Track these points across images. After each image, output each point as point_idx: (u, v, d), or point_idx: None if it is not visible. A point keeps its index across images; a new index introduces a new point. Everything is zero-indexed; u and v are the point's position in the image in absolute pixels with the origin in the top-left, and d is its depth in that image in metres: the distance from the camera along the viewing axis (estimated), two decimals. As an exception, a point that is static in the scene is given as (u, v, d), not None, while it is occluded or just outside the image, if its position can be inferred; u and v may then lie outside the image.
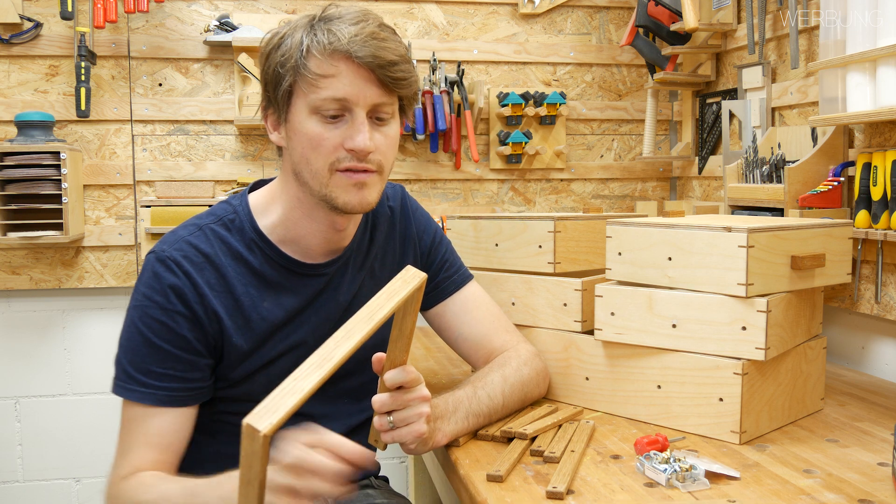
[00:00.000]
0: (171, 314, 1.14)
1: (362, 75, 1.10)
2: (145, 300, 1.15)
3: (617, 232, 1.37)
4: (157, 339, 1.13)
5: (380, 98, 1.13)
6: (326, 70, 1.09)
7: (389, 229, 1.35)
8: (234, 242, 1.20)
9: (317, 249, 1.24)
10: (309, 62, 1.10)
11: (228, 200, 1.25)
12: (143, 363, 1.13)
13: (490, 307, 1.41)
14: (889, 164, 1.51)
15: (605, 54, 2.48)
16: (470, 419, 1.22)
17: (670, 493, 1.03)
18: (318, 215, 1.20)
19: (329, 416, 1.26)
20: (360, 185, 1.14)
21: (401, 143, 2.38)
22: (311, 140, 1.12)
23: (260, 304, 1.19)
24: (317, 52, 1.10)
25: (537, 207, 2.47)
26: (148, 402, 1.13)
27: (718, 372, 1.23)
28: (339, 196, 1.14)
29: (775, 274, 1.24)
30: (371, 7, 2.34)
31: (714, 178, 2.30)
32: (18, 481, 2.30)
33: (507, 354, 1.35)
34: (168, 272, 1.15)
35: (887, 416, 1.37)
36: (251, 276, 1.20)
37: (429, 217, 1.42)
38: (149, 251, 1.19)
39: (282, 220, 1.22)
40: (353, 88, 1.10)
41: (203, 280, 1.16)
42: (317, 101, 1.11)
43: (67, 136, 2.22)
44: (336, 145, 1.12)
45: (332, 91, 1.10)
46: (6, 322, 2.26)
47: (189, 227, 1.20)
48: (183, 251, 1.16)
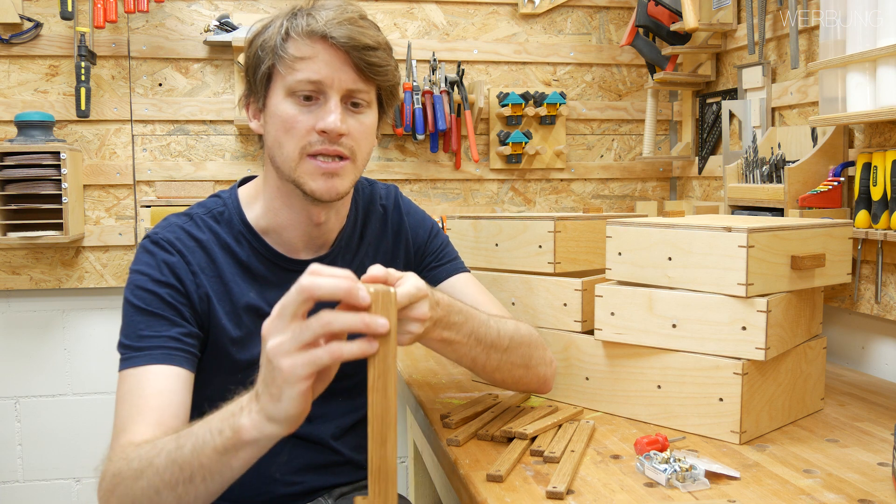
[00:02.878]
0: (162, 285, 1.14)
1: (338, 57, 1.11)
2: (139, 276, 1.15)
3: (617, 232, 1.37)
4: (148, 306, 1.13)
5: (355, 83, 1.13)
6: (303, 52, 1.10)
7: (381, 227, 1.34)
8: (223, 234, 1.21)
9: (298, 243, 1.23)
10: (287, 45, 1.11)
11: (218, 194, 1.27)
12: (134, 331, 1.11)
13: (487, 295, 1.38)
14: (889, 164, 1.51)
15: (605, 54, 2.48)
16: (471, 339, 1.13)
17: (670, 493, 1.03)
18: (296, 204, 1.20)
19: (323, 416, 1.26)
20: (329, 174, 1.14)
21: (401, 143, 2.39)
22: (284, 122, 1.12)
23: (247, 294, 1.20)
24: (294, 35, 1.11)
25: (537, 207, 2.47)
26: (140, 363, 1.07)
27: (718, 372, 1.23)
28: (307, 182, 1.14)
29: (775, 274, 1.24)
30: (371, 7, 2.34)
31: (714, 178, 2.30)
32: (18, 481, 2.30)
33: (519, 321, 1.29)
34: (162, 251, 1.16)
35: (887, 416, 1.37)
36: (238, 267, 1.20)
37: (425, 214, 1.41)
38: (144, 235, 1.21)
39: (265, 210, 1.22)
40: (329, 70, 1.11)
41: (195, 261, 1.17)
42: (292, 83, 1.11)
43: (67, 136, 2.22)
44: (308, 128, 1.12)
45: (308, 73, 1.10)
46: (6, 322, 2.26)
47: (181, 217, 1.22)
48: (176, 234, 1.18)
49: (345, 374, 1.27)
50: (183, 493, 0.92)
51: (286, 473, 1.24)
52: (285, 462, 1.24)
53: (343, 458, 1.29)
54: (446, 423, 1.32)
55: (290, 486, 1.25)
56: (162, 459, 0.92)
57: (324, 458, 1.27)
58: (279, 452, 1.23)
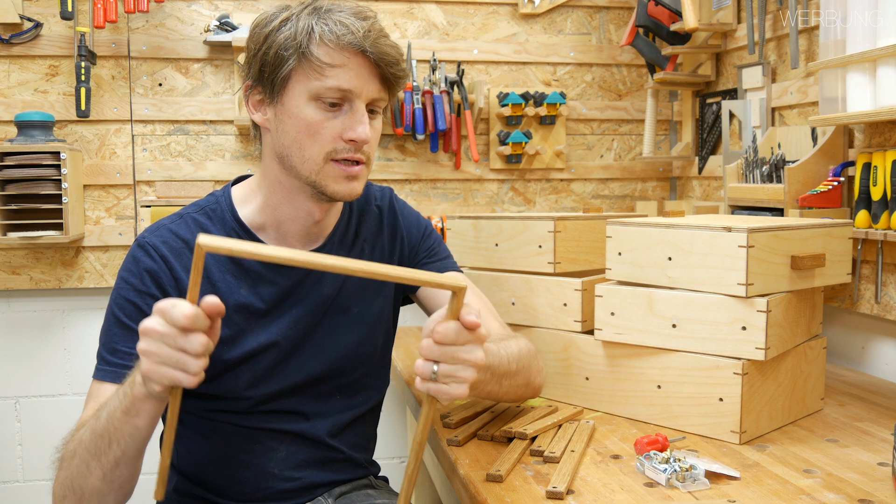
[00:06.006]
0: (143, 295, 1.15)
1: (368, 69, 1.14)
2: (122, 283, 1.17)
3: (617, 232, 1.37)
4: (126, 318, 1.15)
5: (379, 93, 1.16)
6: (336, 60, 1.12)
7: (377, 226, 1.35)
8: (214, 230, 1.22)
9: (294, 238, 1.24)
10: (317, 49, 1.12)
11: (213, 192, 1.28)
12: (110, 342, 1.15)
13: (478, 294, 1.38)
14: (889, 164, 1.51)
15: (605, 54, 2.48)
16: (487, 375, 1.11)
17: (670, 493, 1.03)
18: (298, 201, 1.21)
19: (321, 414, 1.26)
20: (351, 177, 1.17)
21: (401, 143, 2.39)
22: (309, 126, 1.14)
23: (237, 291, 1.20)
24: (328, 41, 1.11)
25: (537, 207, 2.47)
26: (107, 380, 1.13)
27: (718, 372, 1.23)
28: (330, 185, 1.16)
29: (775, 274, 1.24)
30: (372, 7, 2.34)
31: (714, 178, 2.30)
32: (18, 481, 2.30)
33: (515, 336, 1.31)
34: (146, 256, 1.17)
35: (887, 416, 1.37)
36: (229, 263, 1.21)
37: (419, 215, 1.43)
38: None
39: (262, 206, 1.23)
40: (359, 81, 1.13)
41: (180, 265, 1.18)
42: (320, 89, 1.12)
43: (67, 136, 2.22)
44: (335, 135, 1.14)
45: (339, 81, 1.12)
46: (6, 322, 2.26)
47: (172, 217, 1.24)
48: (163, 237, 1.19)
49: (342, 372, 1.28)
50: (106, 463, 1.01)
51: (284, 469, 1.25)
52: (283, 458, 1.24)
53: (342, 455, 1.29)
54: (446, 423, 1.32)
55: (289, 481, 1.25)
56: (87, 433, 1.02)
57: (322, 455, 1.28)
58: (277, 448, 1.24)
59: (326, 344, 1.26)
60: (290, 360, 1.23)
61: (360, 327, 1.29)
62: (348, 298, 1.28)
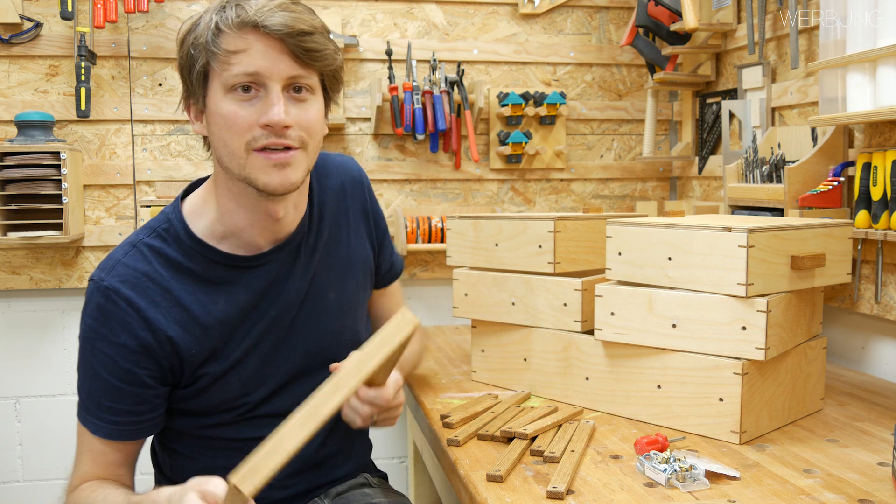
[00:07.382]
0: (118, 347, 1.12)
1: (274, 47, 1.07)
2: (91, 332, 1.13)
3: (617, 232, 1.37)
4: (106, 373, 1.13)
5: (294, 70, 1.08)
6: (237, 45, 1.06)
7: (340, 202, 1.31)
8: (172, 253, 1.16)
9: (260, 241, 1.20)
10: (219, 39, 1.06)
11: (164, 209, 1.22)
12: (95, 395, 1.15)
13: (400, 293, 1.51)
14: (889, 164, 1.51)
15: (605, 54, 2.48)
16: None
17: (670, 493, 1.03)
18: (249, 203, 1.16)
19: None
20: (280, 165, 1.10)
21: (401, 143, 2.39)
22: (225, 120, 1.08)
23: (213, 307, 1.16)
24: (225, 28, 1.06)
25: (537, 207, 2.47)
26: (99, 435, 1.15)
27: (718, 372, 1.23)
28: (259, 177, 1.10)
29: (775, 274, 1.24)
30: (372, 7, 2.34)
31: (714, 178, 2.30)
32: (18, 481, 2.30)
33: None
34: (109, 303, 1.12)
35: (887, 416, 1.37)
36: (197, 282, 1.16)
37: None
38: (90, 276, 1.15)
39: (219, 215, 1.18)
40: (265, 61, 1.06)
41: (147, 302, 1.13)
42: (229, 79, 1.07)
43: (67, 136, 2.22)
44: (251, 123, 1.08)
45: (244, 66, 1.06)
46: (6, 322, 2.26)
47: (124, 247, 1.17)
48: (121, 276, 1.13)
49: (328, 357, 1.27)
50: None
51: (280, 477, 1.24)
52: None
53: (335, 452, 1.30)
54: (446, 423, 1.32)
55: (286, 488, 1.25)
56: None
57: (316, 457, 1.27)
58: None
59: (309, 332, 1.24)
60: (276, 356, 1.22)
61: (338, 312, 1.28)
62: (324, 285, 1.27)
